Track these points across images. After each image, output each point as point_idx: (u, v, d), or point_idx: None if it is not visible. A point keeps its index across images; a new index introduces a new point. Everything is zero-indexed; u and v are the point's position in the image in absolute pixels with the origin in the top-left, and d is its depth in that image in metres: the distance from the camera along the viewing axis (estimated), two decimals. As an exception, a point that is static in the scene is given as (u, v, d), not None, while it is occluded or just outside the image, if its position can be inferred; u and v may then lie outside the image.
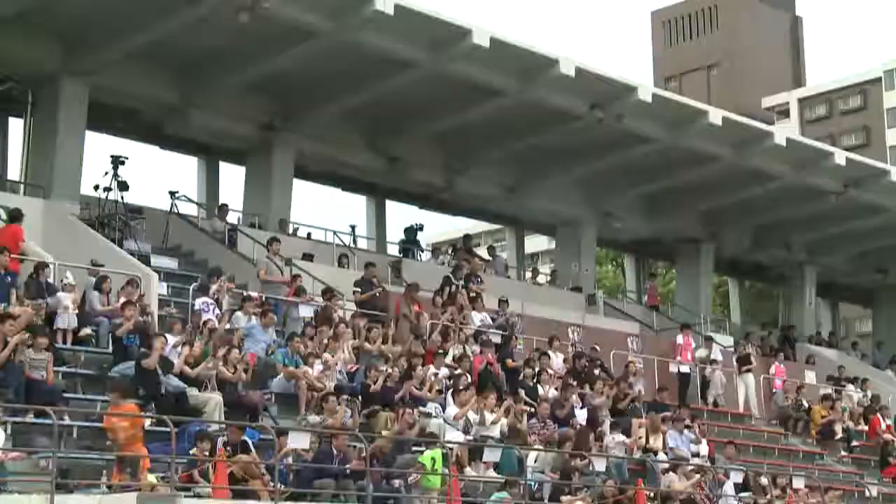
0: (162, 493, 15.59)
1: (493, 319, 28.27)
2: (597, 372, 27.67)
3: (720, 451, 26.82)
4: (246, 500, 16.63)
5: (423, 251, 35.55)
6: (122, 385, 18.07)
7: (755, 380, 33.12)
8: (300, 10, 25.49)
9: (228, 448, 17.55)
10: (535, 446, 22.82)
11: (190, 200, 30.60)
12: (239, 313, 22.87)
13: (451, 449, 20.06)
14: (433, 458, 19.62)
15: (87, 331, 20.71)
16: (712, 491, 23.87)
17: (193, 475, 16.71)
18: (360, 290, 26.52)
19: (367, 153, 32.22)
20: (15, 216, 22.76)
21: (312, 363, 21.81)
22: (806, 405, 33.14)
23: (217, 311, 22.81)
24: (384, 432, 20.43)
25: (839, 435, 32.48)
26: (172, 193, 29.43)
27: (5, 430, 16.47)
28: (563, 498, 20.85)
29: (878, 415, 33.63)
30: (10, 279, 20.49)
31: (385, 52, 27.07)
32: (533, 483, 21.16)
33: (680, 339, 32.07)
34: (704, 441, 26.55)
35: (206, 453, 17.12)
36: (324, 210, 70.62)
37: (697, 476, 23.77)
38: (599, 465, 22.14)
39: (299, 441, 18.29)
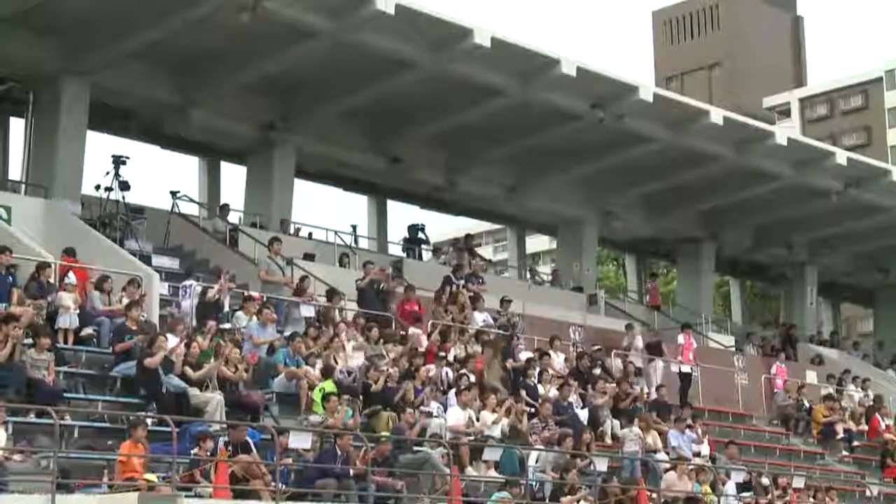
0: (163, 493, 15.59)
1: (494, 319, 28.26)
2: (597, 372, 27.67)
3: (721, 451, 26.81)
4: (247, 500, 16.62)
5: (428, 243, 35.41)
6: None
7: (663, 366, 31.94)
8: (301, 10, 25.49)
9: (230, 448, 17.55)
10: (536, 446, 22.81)
11: (191, 200, 30.63)
12: (240, 313, 22.87)
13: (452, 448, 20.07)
14: (323, 388, 20.59)
15: (88, 331, 20.69)
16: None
17: (195, 475, 16.70)
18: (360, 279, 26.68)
19: (368, 153, 32.24)
20: (70, 252, 22.71)
21: (313, 363, 21.80)
22: (807, 405, 33.14)
23: (198, 287, 22.94)
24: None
25: (840, 435, 32.45)
26: (174, 193, 29.48)
27: (7, 430, 16.47)
28: (564, 499, 20.84)
29: (877, 414, 33.61)
30: (10, 279, 20.49)
31: (386, 52, 27.07)
32: (534, 483, 21.16)
33: (681, 338, 32.01)
34: (706, 441, 26.56)
35: (208, 453, 17.11)
36: (325, 210, 70.94)
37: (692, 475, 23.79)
38: (601, 464, 22.17)
39: (300, 441, 18.29)
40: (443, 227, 58.15)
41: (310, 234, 33.31)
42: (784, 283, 44.93)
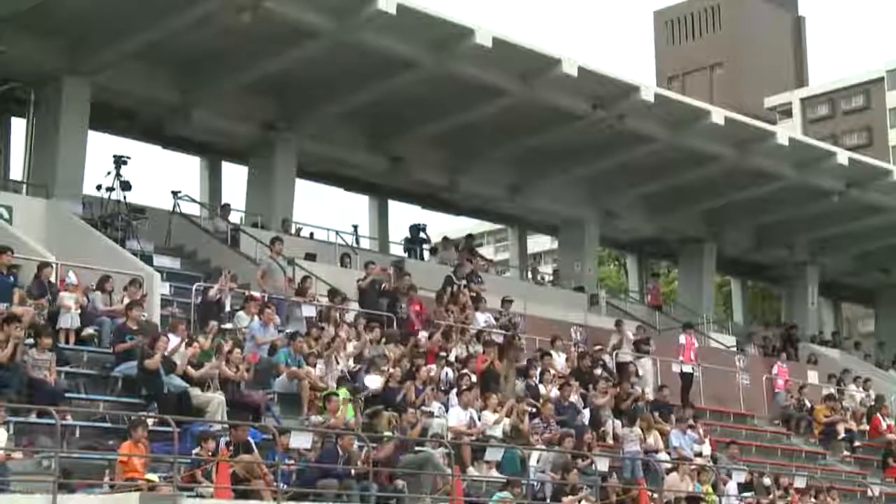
0: (164, 493, 15.58)
1: (496, 319, 28.24)
2: (598, 372, 27.64)
3: (723, 451, 26.80)
4: (248, 501, 16.61)
5: (429, 243, 35.37)
6: None
7: (654, 364, 31.24)
8: (302, 9, 25.49)
9: (231, 448, 17.54)
10: (538, 446, 22.79)
11: (192, 200, 30.59)
12: (241, 313, 22.85)
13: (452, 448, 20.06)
14: (336, 393, 20.68)
15: (89, 331, 20.68)
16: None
17: (196, 475, 16.70)
18: (362, 279, 26.63)
19: (370, 153, 32.23)
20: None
21: (314, 363, 21.79)
22: (808, 405, 33.12)
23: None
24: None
25: (841, 435, 32.43)
26: (175, 193, 29.44)
27: (8, 430, 16.47)
28: (565, 499, 20.83)
29: (879, 415, 33.59)
30: (11, 279, 20.48)
31: (387, 51, 27.06)
32: (535, 483, 21.14)
33: (682, 338, 31.97)
34: (707, 441, 26.55)
35: (210, 453, 17.10)
36: (326, 210, 70.96)
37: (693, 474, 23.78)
38: (602, 464, 22.16)
39: (301, 441, 18.28)
40: (444, 227, 58.23)
41: (311, 233, 33.30)
42: (785, 284, 44.92)
